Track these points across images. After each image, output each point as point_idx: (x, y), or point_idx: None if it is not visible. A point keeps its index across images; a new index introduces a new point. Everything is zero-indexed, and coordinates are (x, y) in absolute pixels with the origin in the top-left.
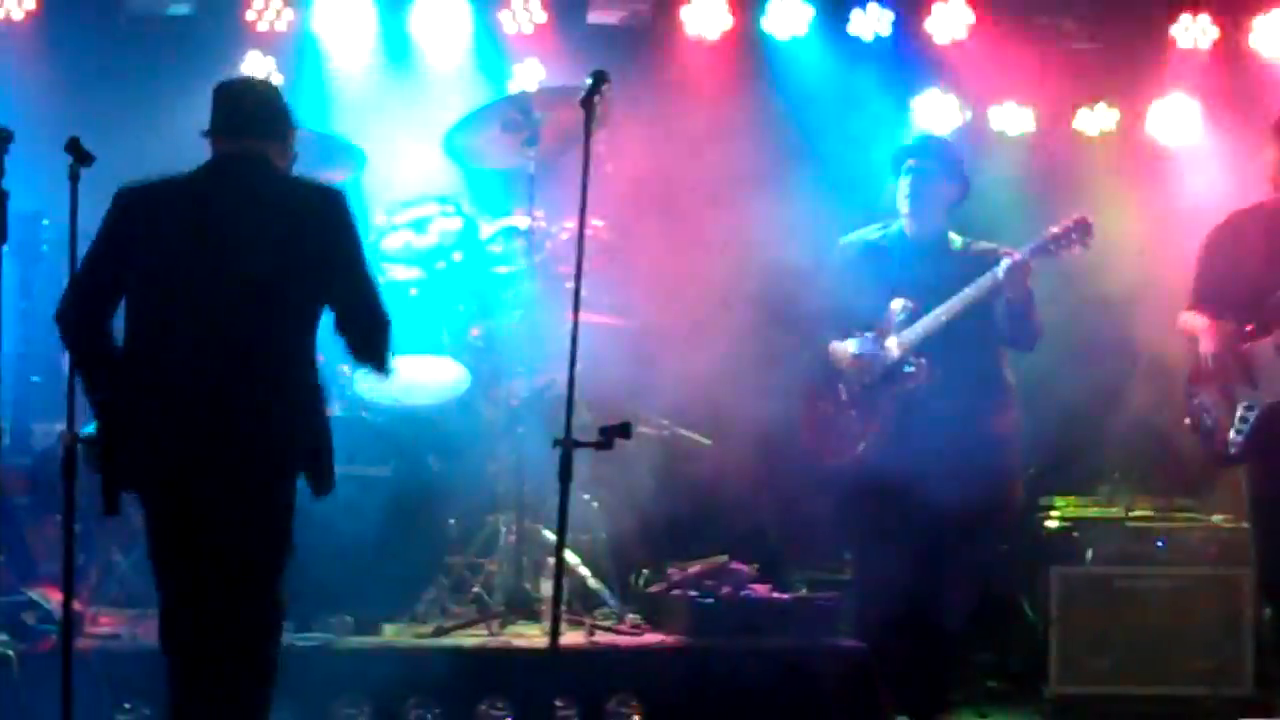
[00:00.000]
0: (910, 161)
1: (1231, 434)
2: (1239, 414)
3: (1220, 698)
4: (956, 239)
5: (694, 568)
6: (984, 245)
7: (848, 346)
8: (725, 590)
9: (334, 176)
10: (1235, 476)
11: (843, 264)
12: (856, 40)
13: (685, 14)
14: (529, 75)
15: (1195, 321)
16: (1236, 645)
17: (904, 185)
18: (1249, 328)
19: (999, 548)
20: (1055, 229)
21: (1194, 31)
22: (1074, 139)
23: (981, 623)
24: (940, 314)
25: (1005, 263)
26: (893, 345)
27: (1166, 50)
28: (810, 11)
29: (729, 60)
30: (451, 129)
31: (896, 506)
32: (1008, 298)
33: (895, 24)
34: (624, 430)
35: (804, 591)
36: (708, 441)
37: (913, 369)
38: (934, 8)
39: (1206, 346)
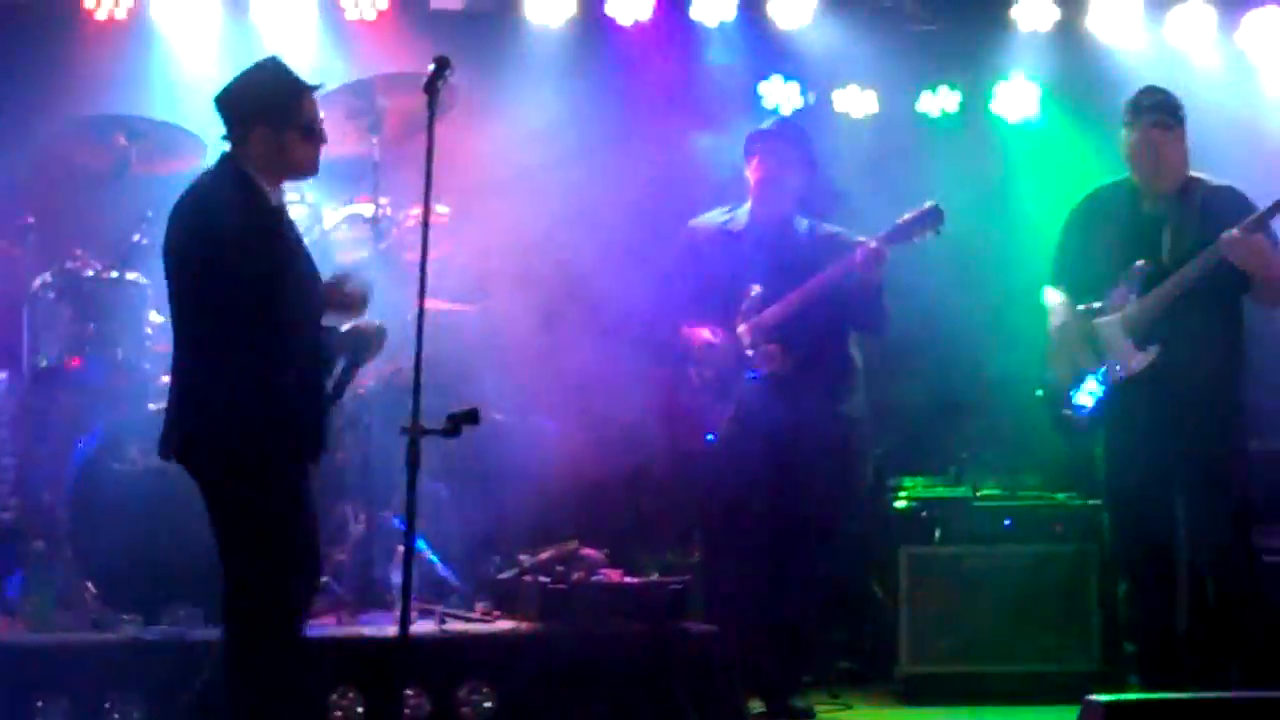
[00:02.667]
0: (759, 145)
1: (1081, 409)
2: (1088, 389)
3: (1068, 673)
4: (803, 222)
5: (544, 554)
6: (831, 228)
7: (699, 332)
8: (576, 576)
9: (177, 166)
10: (1082, 453)
11: (691, 248)
12: (700, 25)
13: (528, 0)
14: (372, 62)
15: (1052, 298)
16: (1084, 621)
17: (753, 169)
18: (1101, 303)
19: (849, 529)
20: (907, 216)
21: (1035, 13)
22: (917, 120)
23: (832, 604)
24: (792, 300)
25: (859, 249)
26: (744, 330)
27: (1008, 31)
28: None
29: (573, 46)
30: None
31: (748, 490)
32: (860, 284)
33: (739, 8)
34: (472, 417)
35: (655, 576)
36: (556, 427)
37: (764, 354)
38: None
39: (1058, 322)
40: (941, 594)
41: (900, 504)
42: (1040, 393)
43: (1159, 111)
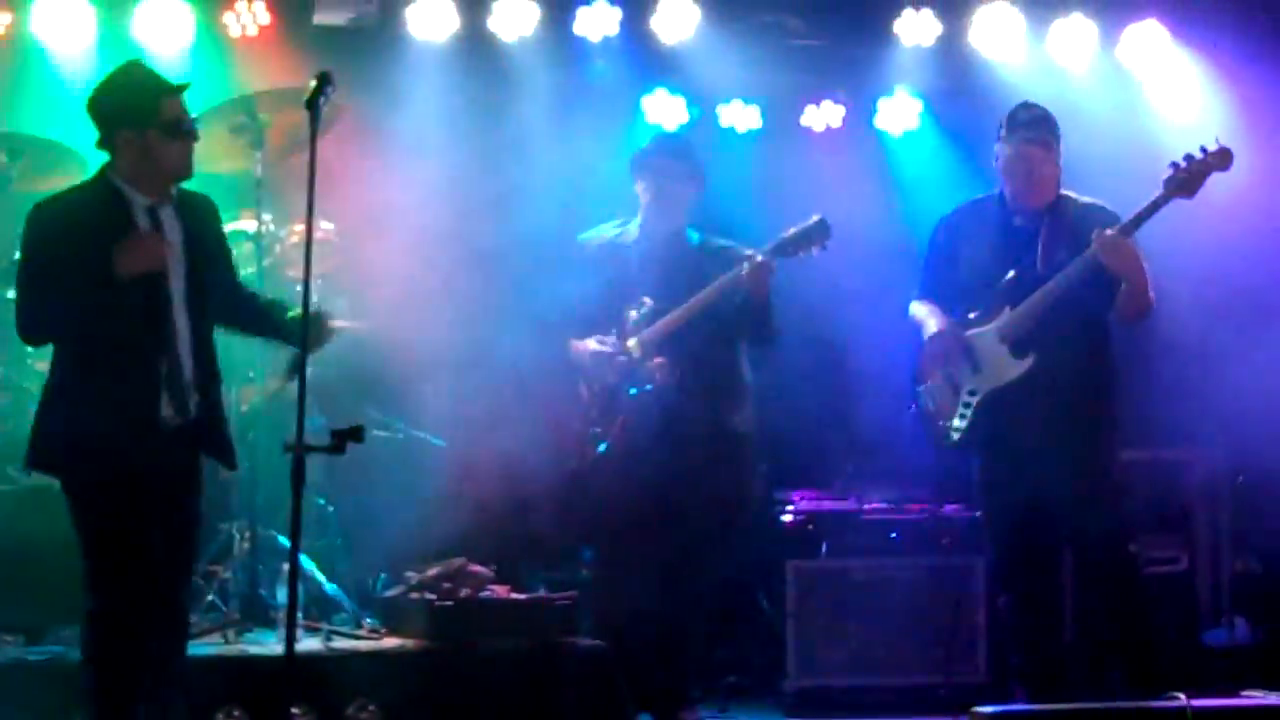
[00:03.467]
0: (648, 161)
1: (956, 421)
2: (963, 400)
3: (954, 685)
4: (694, 235)
5: (431, 571)
6: (721, 242)
7: (588, 345)
8: (463, 592)
9: (58, 183)
10: (965, 466)
11: (580, 262)
12: (584, 40)
13: (411, 15)
14: (255, 78)
15: (921, 310)
16: (970, 632)
17: (642, 184)
18: (973, 315)
19: (736, 543)
20: (794, 230)
21: (917, 28)
22: (801, 135)
23: (720, 618)
24: (680, 313)
25: (747, 263)
26: (633, 344)
27: (891, 46)
28: (537, 12)
29: (457, 61)
30: None
31: (636, 504)
32: (748, 297)
33: (622, 23)
34: (356, 434)
35: (543, 592)
36: (443, 443)
37: (653, 368)
38: (660, 6)
39: (930, 333)
40: (828, 607)
41: (787, 518)
42: (914, 408)
43: (1036, 129)
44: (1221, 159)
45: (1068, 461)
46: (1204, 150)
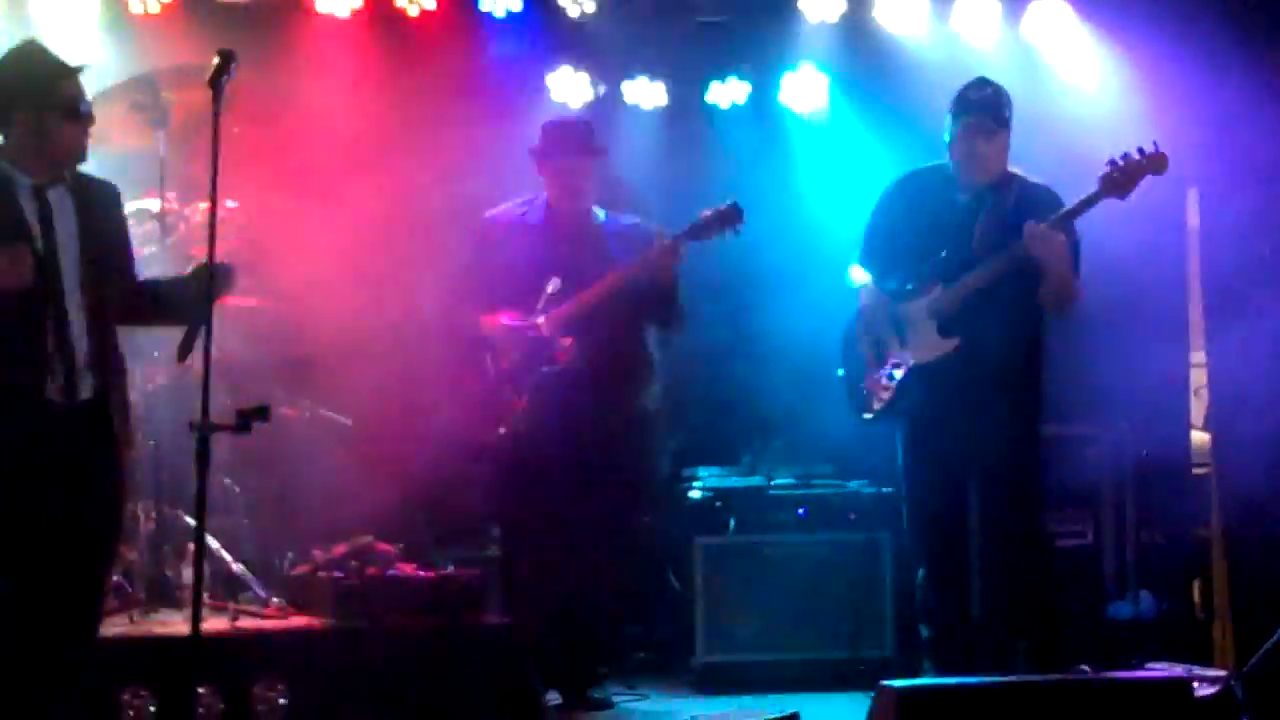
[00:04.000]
0: (552, 139)
1: (880, 392)
2: (887, 372)
3: (862, 660)
4: (600, 213)
5: (338, 549)
6: (628, 220)
7: (497, 323)
8: (370, 571)
9: None
10: (876, 440)
11: (487, 238)
12: (489, 16)
13: None
14: (157, 56)
15: (858, 277)
16: (877, 609)
17: (547, 163)
18: (909, 286)
19: (644, 520)
20: (707, 213)
21: (822, 4)
22: (706, 111)
23: (628, 595)
24: (588, 294)
25: (655, 246)
26: (541, 323)
27: (796, 23)
28: None
29: (363, 38)
30: None
31: (543, 482)
32: (654, 280)
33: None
34: (262, 413)
35: (450, 569)
36: (349, 421)
37: (561, 347)
38: None
39: (864, 303)
40: (737, 584)
41: (695, 495)
42: (841, 372)
43: (985, 111)
44: (1156, 163)
45: (989, 439)
46: (1140, 151)
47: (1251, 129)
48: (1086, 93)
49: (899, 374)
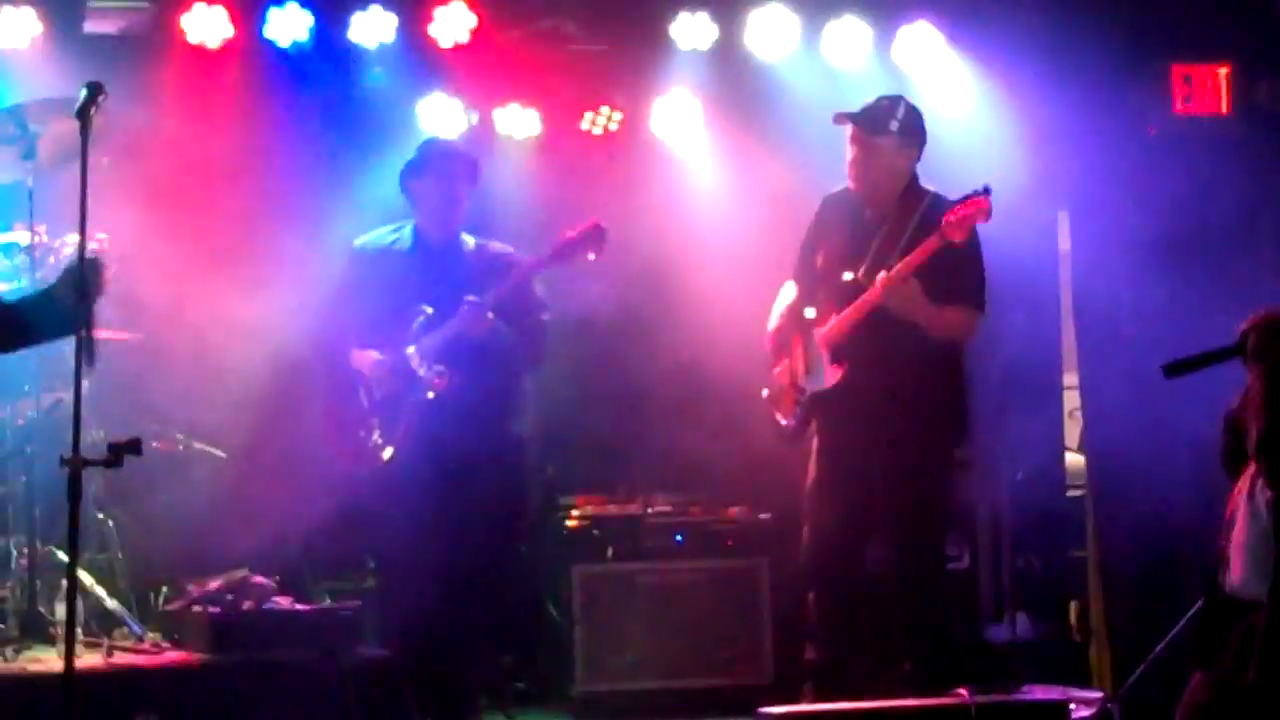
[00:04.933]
0: (425, 166)
1: (787, 418)
2: (794, 398)
3: (741, 687)
4: (470, 240)
5: (214, 583)
6: (498, 247)
7: (368, 354)
8: (246, 605)
9: None
10: (752, 468)
11: (357, 267)
12: (359, 46)
13: (185, 22)
14: (26, 88)
15: (783, 297)
16: (756, 635)
17: (419, 190)
18: (815, 312)
19: (521, 549)
20: (570, 235)
21: (693, 32)
22: (579, 140)
23: (506, 624)
24: (456, 323)
25: (516, 269)
26: (413, 352)
27: (668, 51)
28: (310, 19)
29: (234, 69)
30: None
31: (420, 513)
32: (518, 303)
33: (398, 29)
34: (134, 446)
35: (327, 602)
36: (223, 454)
37: (433, 376)
38: (436, 12)
39: (773, 326)
40: (615, 612)
41: (572, 523)
42: (766, 392)
43: (861, 122)
44: (982, 208)
45: (891, 467)
46: (976, 193)
47: (1119, 152)
48: (957, 117)
49: (802, 400)
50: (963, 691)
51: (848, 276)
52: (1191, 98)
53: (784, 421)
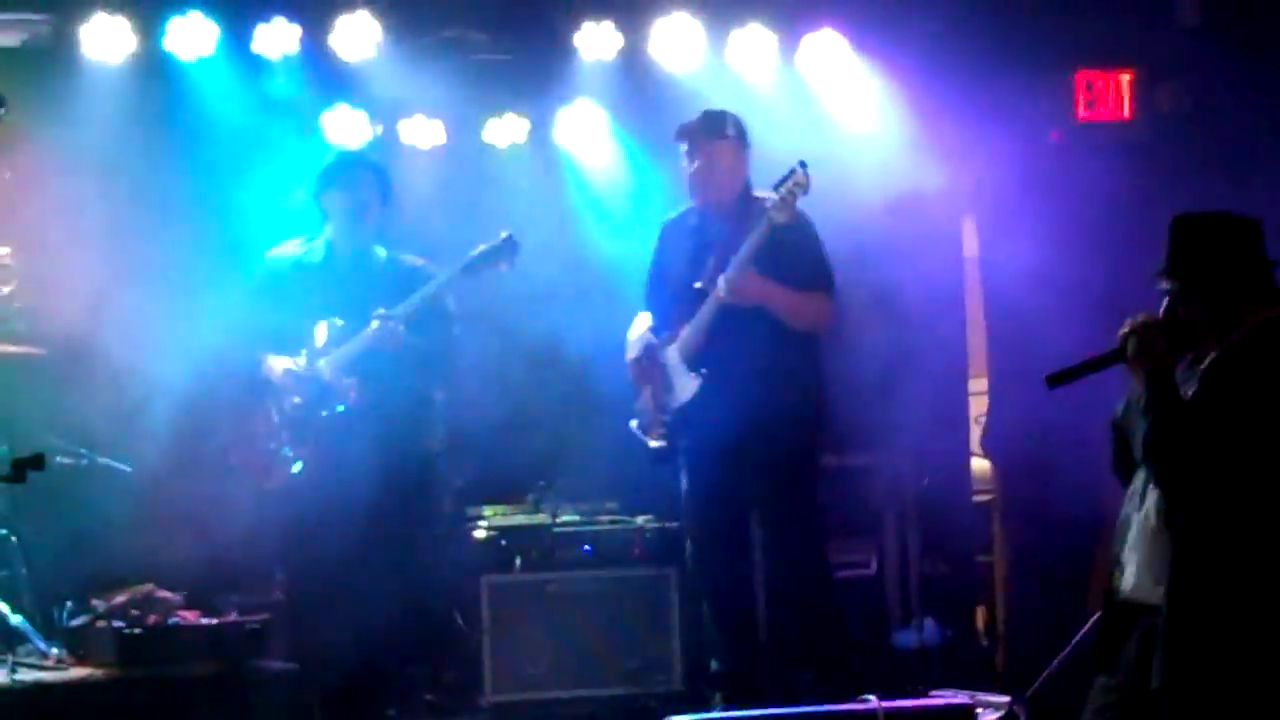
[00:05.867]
0: (335, 177)
1: (656, 439)
2: (660, 418)
3: (651, 695)
4: (381, 252)
5: (119, 598)
6: (410, 259)
7: (278, 366)
8: (152, 619)
9: None
10: (661, 477)
11: (268, 280)
12: (263, 58)
13: (86, 36)
14: None
15: (637, 325)
16: (665, 643)
17: (331, 201)
18: (669, 330)
19: (430, 561)
20: (482, 247)
21: (598, 41)
22: (485, 150)
23: (415, 636)
24: (369, 334)
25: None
26: (324, 365)
27: (572, 61)
28: (215, 30)
29: (136, 82)
30: None
31: (329, 525)
32: (429, 316)
33: (303, 40)
34: (37, 462)
35: (234, 615)
36: (128, 468)
37: (344, 389)
38: (339, 23)
39: (632, 355)
40: (524, 622)
41: (480, 534)
42: (634, 423)
43: (701, 131)
44: (800, 183)
45: (762, 470)
46: (792, 172)
47: (1024, 158)
48: (863, 125)
49: (666, 418)
50: (870, 697)
51: (697, 285)
52: (1094, 103)
53: (655, 444)
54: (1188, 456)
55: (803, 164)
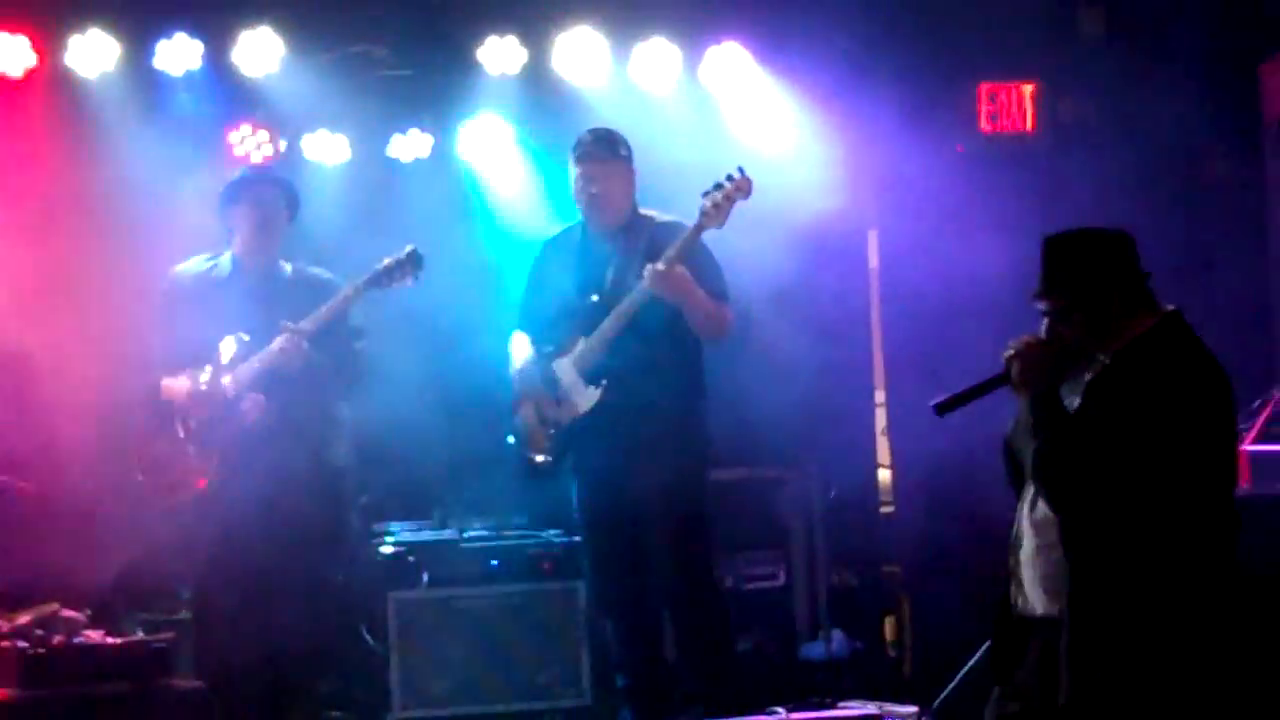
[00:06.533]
0: (239, 193)
1: (541, 454)
2: (547, 433)
3: (560, 710)
4: (287, 267)
5: (22, 618)
6: (316, 272)
7: (182, 382)
8: (56, 639)
9: None
10: (563, 492)
11: (172, 297)
12: (164, 75)
13: None
14: None
15: (514, 343)
16: (574, 657)
17: (235, 217)
18: (556, 345)
19: (336, 577)
20: (387, 261)
21: (502, 56)
22: (389, 165)
23: (322, 653)
24: (274, 349)
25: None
26: (228, 381)
27: (477, 75)
28: (116, 47)
29: (39, 99)
30: None
31: (234, 542)
32: (333, 335)
33: (205, 56)
34: None
35: (140, 634)
36: (29, 485)
37: (249, 405)
38: (241, 39)
39: (517, 368)
40: (432, 638)
41: (387, 549)
42: (511, 439)
43: (593, 149)
44: (741, 187)
45: (651, 482)
46: (729, 178)
47: (927, 170)
48: (767, 138)
49: (554, 433)
50: (778, 709)
51: (594, 298)
52: (998, 115)
53: (540, 458)
54: (1076, 474)
55: (741, 170)
